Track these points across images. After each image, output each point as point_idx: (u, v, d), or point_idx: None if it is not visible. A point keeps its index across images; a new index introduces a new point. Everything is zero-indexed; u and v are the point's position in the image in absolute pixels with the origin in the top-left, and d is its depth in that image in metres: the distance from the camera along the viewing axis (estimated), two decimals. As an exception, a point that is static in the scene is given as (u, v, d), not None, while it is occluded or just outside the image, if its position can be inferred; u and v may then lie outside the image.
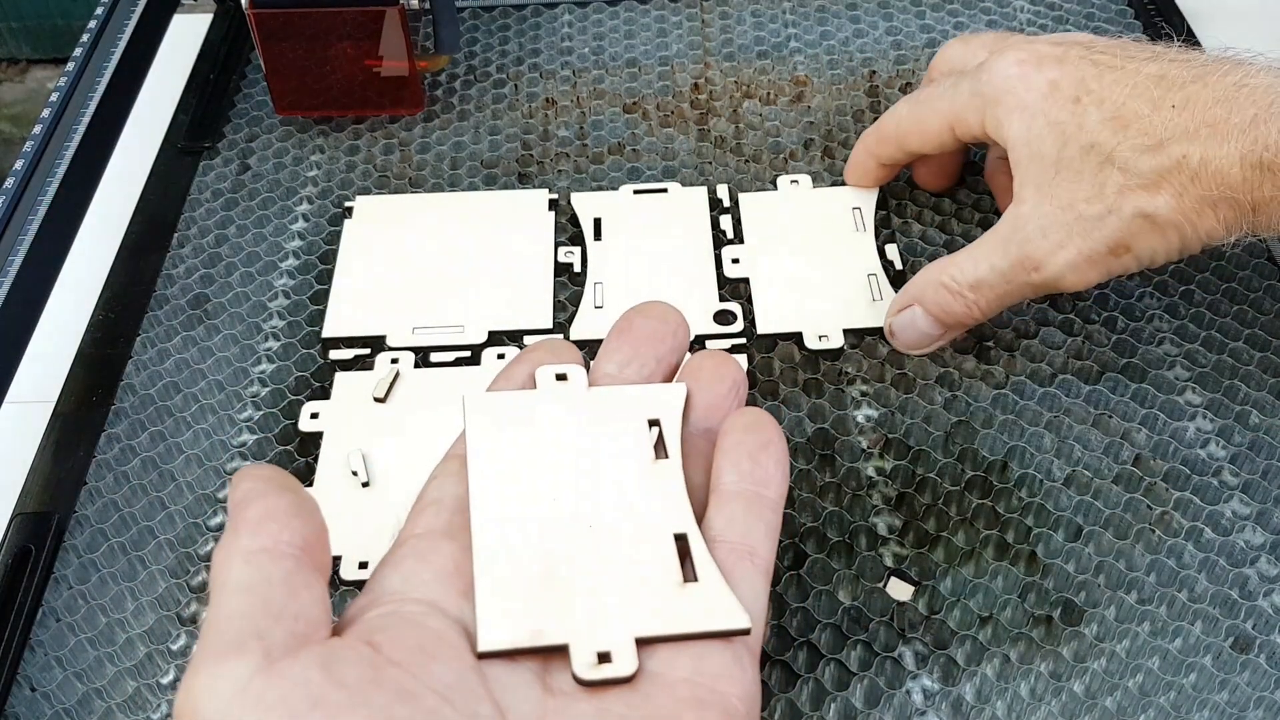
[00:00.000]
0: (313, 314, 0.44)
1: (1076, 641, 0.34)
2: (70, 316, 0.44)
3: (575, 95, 0.53)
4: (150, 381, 0.42)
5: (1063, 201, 0.37)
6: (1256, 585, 0.35)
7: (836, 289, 0.44)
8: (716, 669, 0.25)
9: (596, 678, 0.25)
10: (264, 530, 0.24)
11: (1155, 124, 0.36)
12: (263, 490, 0.25)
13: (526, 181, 0.50)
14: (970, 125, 0.40)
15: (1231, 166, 0.35)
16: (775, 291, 0.44)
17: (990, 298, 0.39)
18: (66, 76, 0.55)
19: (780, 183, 0.49)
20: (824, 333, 0.43)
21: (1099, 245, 0.37)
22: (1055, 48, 0.38)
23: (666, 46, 0.56)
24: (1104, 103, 0.36)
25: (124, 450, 0.40)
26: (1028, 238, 0.38)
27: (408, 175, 0.50)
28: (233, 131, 0.52)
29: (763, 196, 0.48)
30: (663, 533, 0.27)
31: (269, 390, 0.42)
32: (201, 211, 0.49)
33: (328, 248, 0.47)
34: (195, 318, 0.44)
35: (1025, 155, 0.38)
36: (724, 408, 0.31)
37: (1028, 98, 0.38)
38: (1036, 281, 0.38)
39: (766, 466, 0.29)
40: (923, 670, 0.34)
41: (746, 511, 0.28)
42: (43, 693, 0.34)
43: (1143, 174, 0.36)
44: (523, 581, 0.26)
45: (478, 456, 0.28)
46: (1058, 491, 0.38)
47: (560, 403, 0.30)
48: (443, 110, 0.53)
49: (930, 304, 0.40)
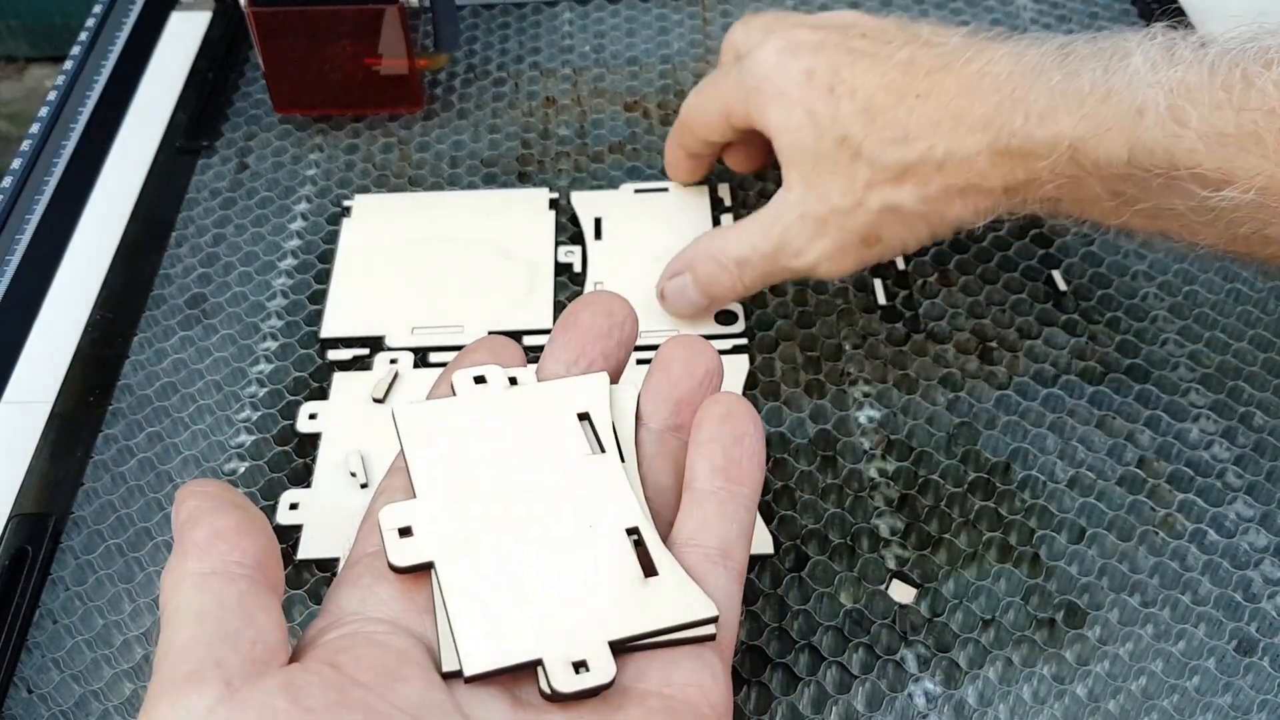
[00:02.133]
0: (311, 314, 0.44)
1: (1079, 644, 0.34)
2: (68, 316, 0.44)
3: (576, 94, 0.53)
4: (148, 382, 0.42)
5: (820, 192, 0.38)
6: (1260, 588, 0.35)
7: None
8: (686, 678, 0.25)
9: (576, 689, 0.24)
10: (213, 552, 0.23)
11: (900, 116, 0.36)
12: (208, 508, 0.24)
13: (526, 181, 0.49)
14: (739, 114, 0.40)
15: (978, 156, 0.35)
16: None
17: (753, 276, 0.40)
18: (64, 75, 0.54)
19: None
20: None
21: (851, 237, 0.38)
22: (814, 33, 0.39)
23: (668, 45, 0.56)
24: (856, 93, 0.37)
25: (121, 451, 0.40)
26: (788, 225, 0.39)
27: (407, 174, 0.50)
28: (231, 130, 0.52)
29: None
30: (615, 530, 0.27)
31: (267, 391, 0.42)
32: (199, 211, 0.48)
33: (326, 247, 0.47)
34: (193, 318, 0.44)
35: (787, 144, 0.38)
36: (695, 403, 0.30)
37: (785, 86, 0.38)
38: (795, 267, 0.39)
39: (740, 462, 0.28)
40: (925, 673, 0.34)
41: (720, 513, 0.28)
42: (40, 695, 0.34)
43: (888, 167, 0.37)
44: (491, 599, 0.25)
45: (418, 470, 0.27)
46: (1061, 493, 0.38)
47: (484, 406, 0.29)
48: (442, 109, 0.53)
49: (700, 274, 0.41)
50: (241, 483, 0.39)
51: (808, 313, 0.44)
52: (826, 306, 0.44)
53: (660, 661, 0.25)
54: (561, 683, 0.24)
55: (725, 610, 0.26)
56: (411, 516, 0.26)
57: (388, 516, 0.26)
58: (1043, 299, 0.44)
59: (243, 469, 0.39)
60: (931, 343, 0.42)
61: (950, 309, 0.43)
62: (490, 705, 0.24)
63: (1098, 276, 0.44)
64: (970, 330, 0.43)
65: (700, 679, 0.25)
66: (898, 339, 0.43)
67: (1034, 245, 0.46)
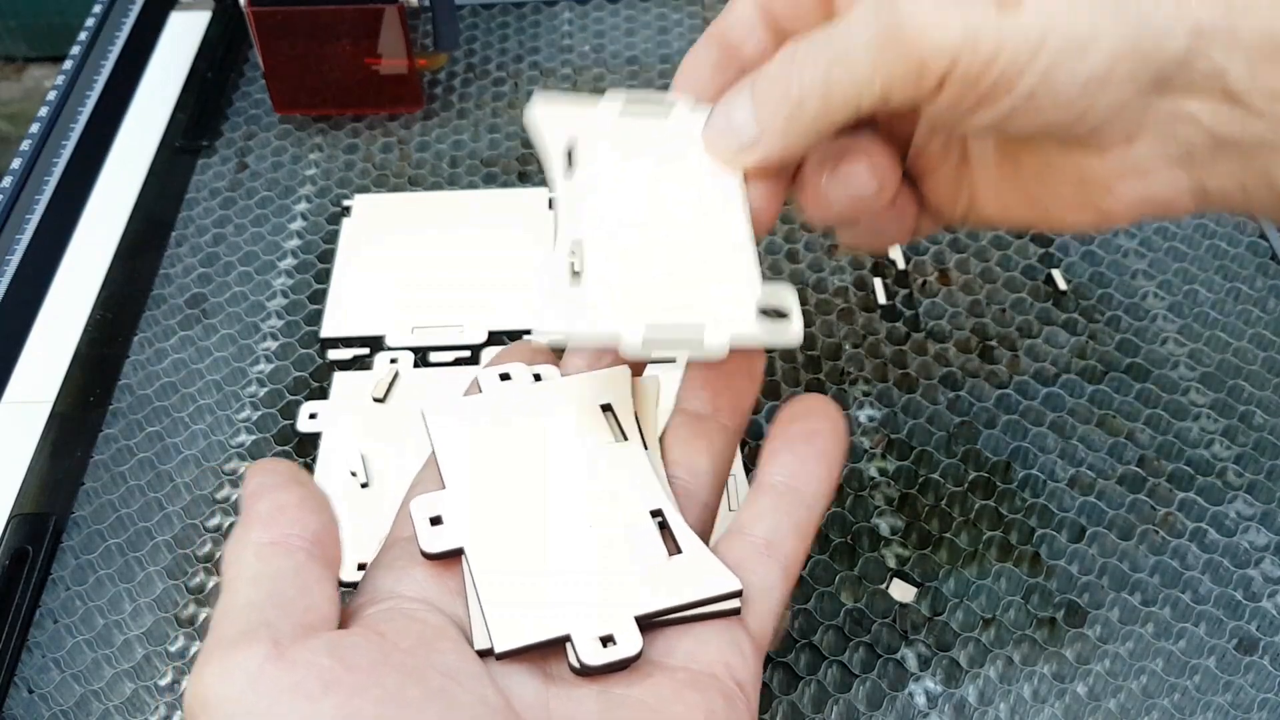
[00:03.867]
0: (311, 314, 0.44)
1: (1080, 643, 0.34)
2: (68, 316, 0.44)
3: (576, 93, 0.53)
4: (148, 382, 0.42)
5: None
6: (1260, 587, 0.35)
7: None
8: (713, 655, 0.26)
9: (603, 661, 0.25)
10: (275, 524, 0.25)
11: None
12: (274, 484, 0.25)
13: (526, 180, 0.49)
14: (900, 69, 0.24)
15: None
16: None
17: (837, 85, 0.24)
18: (64, 74, 0.54)
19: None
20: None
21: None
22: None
23: (668, 44, 0.56)
24: None
25: (121, 451, 0.40)
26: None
27: (407, 174, 0.50)
28: (231, 130, 0.52)
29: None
30: (639, 512, 0.28)
31: (267, 390, 0.42)
32: (199, 210, 0.48)
33: (326, 247, 0.46)
34: (193, 317, 0.44)
35: None
36: (735, 387, 0.29)
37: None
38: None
39: (807, 461, 0.28)
40: (925, 672, 0.34)
41: (774, 506, 0.28)
42: (40, 694, 0.34)
43: None
44: (519, 579, 0.26)
45: (448, 462, 0.28)
46: (1061, 492, 0.38)
47: (509, 401, 0.30)
48: (442, 109, 0.53)
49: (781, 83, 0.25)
50: (242, 483, 0.39)
51: (808, 311, 0.44)
52: (826, 306, 0.44)
53: (689, 639, 0.26)
54: (590, 656, 0.25)
55: (760, 597, 0.26)
56: (441, 506, 0.27)
57: (418, 508, 0.27)
58: (1043, 298, 0.44)
59: (242, 469, 0.39)
60: (931, 342, 0.42)
61: (950, 308, 0.44)
62: (522, 680, 0.25)
63: (1098, 275, 0.44)
64: (970, 329, 0.43)
65: (728, 656, 0.26)
66: (898, 338, 0.43)
67: (1034, 245, 0.46)
